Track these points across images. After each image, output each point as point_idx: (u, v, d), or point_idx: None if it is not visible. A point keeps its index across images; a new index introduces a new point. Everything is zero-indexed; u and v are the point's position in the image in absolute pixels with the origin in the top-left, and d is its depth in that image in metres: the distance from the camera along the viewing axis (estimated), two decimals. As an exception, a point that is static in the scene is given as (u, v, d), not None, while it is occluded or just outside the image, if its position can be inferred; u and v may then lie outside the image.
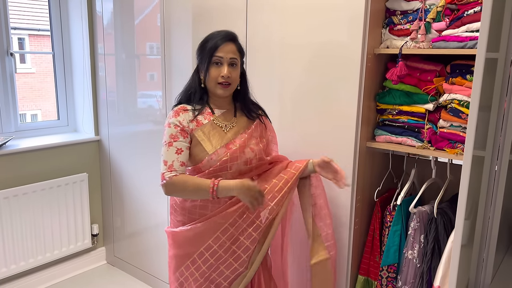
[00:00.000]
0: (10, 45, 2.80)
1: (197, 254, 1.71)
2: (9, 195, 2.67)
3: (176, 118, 1.70)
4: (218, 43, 1.67)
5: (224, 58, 1.67)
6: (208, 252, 1.70)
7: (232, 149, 1.70)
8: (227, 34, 1.70)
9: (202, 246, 1.70)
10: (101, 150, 3.18)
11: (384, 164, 2.09)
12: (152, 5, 2.63)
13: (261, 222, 1.71)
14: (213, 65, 1.67)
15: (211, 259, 1.70)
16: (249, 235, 1.71)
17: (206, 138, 1.70)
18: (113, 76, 2.97)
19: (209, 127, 1.72)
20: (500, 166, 1.34)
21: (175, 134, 1.68)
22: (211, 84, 1.70)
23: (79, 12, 3.00)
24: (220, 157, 1.68)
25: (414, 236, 1.86)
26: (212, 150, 1.68)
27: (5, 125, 2.85)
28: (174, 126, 1.68)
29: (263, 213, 1.71)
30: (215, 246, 1.69)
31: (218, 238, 1.69)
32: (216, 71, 1.67)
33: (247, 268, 1.74)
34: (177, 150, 1.66)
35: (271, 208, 1.72)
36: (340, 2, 1.82)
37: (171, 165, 1.64)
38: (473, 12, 1.65)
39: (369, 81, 1.86)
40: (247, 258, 1.72)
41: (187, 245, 1.73)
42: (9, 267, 2.73)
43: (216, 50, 1.66)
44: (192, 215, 1.74)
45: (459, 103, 1.71)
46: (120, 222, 3.17)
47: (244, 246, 1.71)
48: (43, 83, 3.29)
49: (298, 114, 2.05)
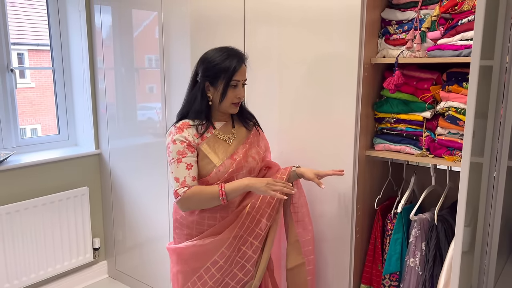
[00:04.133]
0: (10, 61, 2.83)
1: (203, 270, 1.73)
2: (10, 210, 2.67)
3: (181, 134, 1.70)
4: (237, 67, 1.68)
5: (241, 81, 1.72)
6: (215, 268, 1.71)
7: (237, 160, 1.73)
8: (241, 56, 1.73)
9: (209, 261, 1.72)
10: (102, 163, 3.19)
11: (383, 173, 2.09)
12: (151, 18, 2.66)
13: (261, 230, 1.74)
14: (231, 87, 1.70)
15: (218, 274, 1.72)
16: (251, 244, 1.73)
17: (212, 151, 1.72)
18: (113, 89, 2.99)
19: (212, 140, 1.74)
20: (499, 172, 1.35)
21: (182, 150, 1.68)
22: (226, 104, 1.73)
23: (78, 27, 3.04)
24: (227, 169, 1.71)
25: (416, 243, 1.86)
26: (219, 162, 1.71)
27: (5, 140, 2.87)
28: (180, 142, 1.69)
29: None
30: (221, 262, 1.71)
31: (223, 253, 1.71)
32: (233, 93, 1.71)
33: (253, 277, 1.75)
34: (187, 166, 1.67)
35: (269, 214, 1.75)
36: (337, 13, 1.85)
37: (183, 181, 1.66)
38: (467, 21, 1.67)
39: (366, 90, 1.88)
40: (251, 268, 1.74)
41: (193, 260, 1.74)
42: (12, 282, 2.72)
43: (234, 74, 1.68)
44: (200, 227, 1.75)
45: (456, 111, 1.72)
46: (121, 236, 3.16)
47: (247, 255, 1.73)
48: (42, 98, 3.31)
49: (297, 124, 2.06)
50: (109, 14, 2.90)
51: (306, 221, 1.94)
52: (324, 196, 1.99)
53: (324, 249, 2.04)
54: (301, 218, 1.93)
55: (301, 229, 1.92)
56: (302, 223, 1.93)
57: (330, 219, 2.00)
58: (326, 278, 2.05)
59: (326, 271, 2.05)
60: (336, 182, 1.94)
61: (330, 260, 2.03)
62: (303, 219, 1.93)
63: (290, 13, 2.00)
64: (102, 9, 2.93)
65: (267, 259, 1.78)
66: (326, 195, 1.99)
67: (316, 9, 1.91)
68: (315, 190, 1.97)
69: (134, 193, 2.99)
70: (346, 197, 1.94)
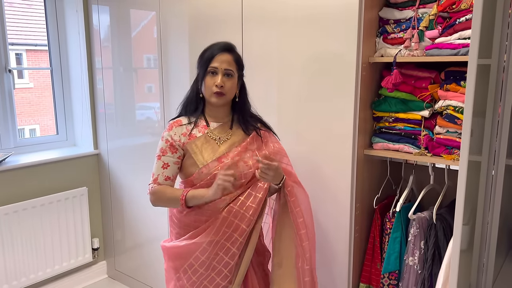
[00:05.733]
0: (8, 62, 2.82)
1: (181, 270, 1.73)
2: (9, 211, 2.67)
3: (169, 132, 1.74)
4: (214, 53, 1.70)
5: (219, 68, 1.69)
6: (191, 270, 1.71)
7: (224, 163, 1.69)
8: (224, 44, 1.73)
9: (186, 263, 1.71)
10: (101, 163, 3.19)
11: (382, 171, 2.10)
12: (149, 17, 2.66)
13: (240, 236, 1.67)
14: (208, 74, 1.70)
15: (193, 277, 1.71)
16: (228, 249, 1.67)
17: (198, 151, 1.71)
18: (111, 89, 2.98)
19: (202, 140, 1.73)
20: (497, 170, 1.35)
21: (164, 148, 1.73)
22: (206, 93, 1.72)
23: (76, 27, 3.03)
24: (211, 171, 1.68)
25: (414, 242, 1.86)
26: (203, 164, 1.69)
27: (4, 141, 2.86)
28: (165, 140, 1.73)
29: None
30: (196, 265, 1.69)
31: (197, 258, 1.69)
32: (211, 80, 1.69)
33: (231, 282, 1.71)
34: (163, 165, 1.72)
35: (248, 219, 1.67)
36: (335, 12, 1.85)
37: (156, 178, 1.73)
38: (465, 20, 1.67)
39: (364, 90, 1.88)
40: (229, 273, 1.69)
41: (175, 260, 1.76)
42: (10, 283, 2.71)
43: (211, 60, 1.69)
44: (188, 227, 1.74)
45: (454, 109, 1.72)
46: (120, 236, 3.16)
47: (224, 261, 1.68)
48: (41, 98, 3.30)
49: (295, 123, 2.06)
50: (107, 14, 2.89)
51: (303, 234, 1.76)
52: (323, 195, 2.00)
53: (323, 248, 2.04)
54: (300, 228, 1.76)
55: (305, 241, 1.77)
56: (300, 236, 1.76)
57: (329, 218, 2.00)
58: (325, 277, 2.05)
59: (325, 270, 2.05)
60: (334, 181, 1.95)
61: (329, 259, 2.03)
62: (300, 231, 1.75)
63: (287, 11, 2.00)
64: (100, 9, 2.93)
65: (247, 264, 1.72)
66: (325, 194, 1.99)
67: (314, 8, 1.91)
68: (315, 190, 1.97)
69: (133, 193, 2.99)
70: (344, 196, 1.94)
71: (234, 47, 1.76)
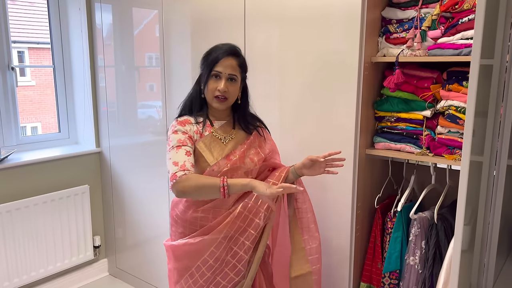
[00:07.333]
0: (11, 59, 2.83)
1: (195, 268, 1.72)
2: (11, 208, 2.68)
3: (183, 127, 1.72)
4: (219, 56, 1.68)
5: (223, 73, 1.68)
6: (205, 266, 1.71)
7: (232, 160, 1.71)
8: (230, 48, 1.71)
9: (199, 260, 1.71)
10: (102, 161, 3.19)
11: (383, 171, 2.10)
12: (151, 16, 2.66)
13: (254, 230, 1.70)
14: (212, 78, 1.69)
15: (208, 273, 1.71)
16: (243, 244, 1.70)
17: (207, 149, 1.71)
18: (113, 87, 2.99)
19: (209, 139, 1.73)
20: (499, 170, 1.35)
21: (183, 139, 1.68)
22: (208, 96, 1.72)
23: (78, 25, 3.04)
24: (221, 168, 1.69)
25: (415, 242, 1.86)
26: (214, 162, 1.70)
27: (6, 138, 2.87)
28: (182, 132, 1.70)
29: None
30: (210, 261, 1.70)
31: (213, 253, 1.69)
32: (214, 84, 1.69)
33: (244, 277, 1.74)
34: (186, 152, 1.65)
35: (263, 214, 1.71)
36: (337, 12, 1.85)
37: (183, 165, 1.60)
38: (467, 20, 1.67)
39: (367, 89, 1.88)
40: (243, 268, 1.72)
41: (185, 258, 1.74)
42: (12, 280, 2.72)
43: (216, 64, 1.68)
44: (193, 227, 1.75)
45: (456, 109, 1.72)
46: (122, 234, 3.17)
47: (239, 255, 1.70)
48: (43, 96, 3.31)
49: (298, 123, 2.07)
50: (110, 12, 2.90)
51: (312, 228, 1.85)
52: (324, 194, 2.00)
53: (324, 247, 2.04)
54: (306, 225, 1.84)
55: (307, 236, 1.84)
56: (307, 230, 1.85)
57: (330, 217, 2.00)
58: (326, 277, 2.05)
59: (326, 269, 2.05)
60: (336, 180, 1.95)
61: (330, 259, 2.04)
62: (308, 225, 1.85)
63: (290, 11, 2.00)
64: (102, 7, 2.93)
65: (260, 258, 1.75)
66: (326, 193, 1.99)
67: (317, 8, 1.91)
68: (317, 189, 1.97)
69: (134, 191, 2.99)
70: (346, 195, 1.94)
71: (239, 50, 1.75)
